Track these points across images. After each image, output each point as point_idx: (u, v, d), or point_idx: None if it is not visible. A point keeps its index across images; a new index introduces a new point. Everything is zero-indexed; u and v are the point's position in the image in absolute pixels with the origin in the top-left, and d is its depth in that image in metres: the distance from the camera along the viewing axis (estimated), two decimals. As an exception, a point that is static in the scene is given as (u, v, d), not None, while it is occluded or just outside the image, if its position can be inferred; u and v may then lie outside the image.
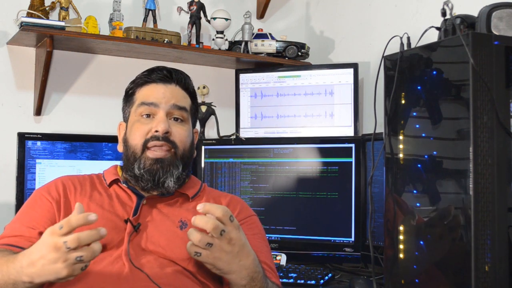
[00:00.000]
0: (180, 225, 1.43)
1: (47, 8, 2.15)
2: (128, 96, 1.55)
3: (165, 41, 2.29)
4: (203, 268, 1.38)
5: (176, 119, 1.49)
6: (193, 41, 2.40)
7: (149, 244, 1.38)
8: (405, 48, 1.58)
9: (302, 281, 1.87)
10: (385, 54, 1.62)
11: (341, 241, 2.13)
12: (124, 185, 1.49)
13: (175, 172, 1.45)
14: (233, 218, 1.18)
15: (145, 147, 1.45)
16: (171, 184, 1.45)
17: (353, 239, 2.11)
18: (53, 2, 2.19)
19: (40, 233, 1.36)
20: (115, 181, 1.51)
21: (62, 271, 1.10)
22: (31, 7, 2.11)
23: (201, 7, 2.39)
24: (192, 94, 1.56)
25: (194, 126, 1.59)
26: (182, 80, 1.53)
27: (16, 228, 1.40)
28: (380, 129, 1.66)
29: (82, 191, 1.47)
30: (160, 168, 1.44)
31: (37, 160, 2.05)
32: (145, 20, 2.34)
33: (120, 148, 1.55)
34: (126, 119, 1.56)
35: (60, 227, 1.09)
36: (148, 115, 1.48)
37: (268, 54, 2.51)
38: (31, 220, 1.40)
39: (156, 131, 1.44)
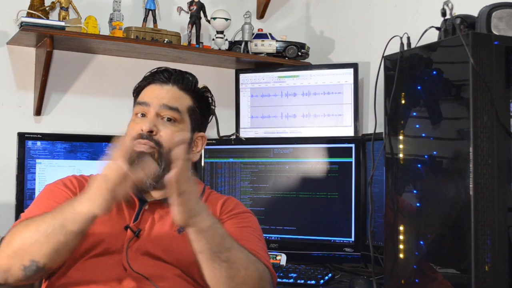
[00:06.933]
0: (179, 229, 1.43)
1: (47, 8, 2.15)
2: (134, 97, 1.57)
3: (165, 41, 2.29)
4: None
5: (169, 120, 1.49)
6: (193, 41, 2.40)
7: (149, 249, 1.38)
8: (405, 48, 1.58)
9: (302, 281, 1.87)
10: (385, 54, 1.63)
11: (341, 241, 2.13)
12: None
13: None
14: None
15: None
16: (148, 181, 1.44)
17: (353, 239, 2.11)
18: (53, 2, 2.19)
19: None
20: None
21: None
22: (31, 7, 2.11)
23: (201, 7, 2.39)
24: (195, 95, 1.55)
25: (199, 128, 1.57)
26: (180, 81, 1.52)
27: (34, 212, 1.37)
28: (380, 129, 1.66)
29: None
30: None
31: (37, 160, 2.05)
32: (145, 20, 2.34)
33: None
34: None
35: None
36: (143, 115, 1.49)
37: (268, 54, 2.51)
38: (50, 208, 1.37)
39: (142, 130, 1.46)
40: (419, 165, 1.50)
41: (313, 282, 1.87)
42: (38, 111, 2.23)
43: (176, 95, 1.51)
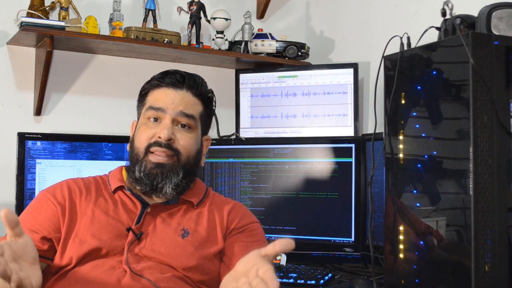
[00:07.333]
0: (182, 234, 1.43)
1: (47, 8, 2.15)
2: (141, 97, 1.55)
3: (165, 41, 2.29)
4: (204, 276, 1.39)
5: (183, 126, 1.48)
6: (193, 41, 2.40)
7: (150, 252, 1.38)
8: (405, 48, 1.58)
9: (302, 281, 1.87)
10: (385, 54, 1.63)
11: (341, 241, 2.13)
12: (128, 192, 1.48)
13: (174, 179, 1.44)
14: None
15: (148, 151, 1.45)
16: (169, 191, 1.44)
17: (353, 239, 2.11)
18: (53, 2, 2.19)
19: (43, 238, 1.37)
20: (120, 188, 1.49)
21: None
22: (31, 7, 2.11)
23: (201, 7, 2.39)
24: (205, 100, 1.54)
25: (206, 133, 1.57)
26: (194, 86, 1.51)
27: (23, 225, 1.38)
28: (380, 129, 1.66)
29: (88, 195, 1.46)
30: (159, 173, 1.43)
31: (37, 160, 2.05)
32: (145, 20, 2.34)
33: (128, 147, 1.55)
34: (137, 119, 1.56)
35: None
36: (156, 119, 1.47)
37: (268, 54, 2.51)
38: (34, 223, 1.39)
39: (160, 137, 1.44)
40: (419, 165, 1.50)
41: (313, 282, 1.87)
42: (38, 111, 2.23)
43: (191, 101, 1.50)
